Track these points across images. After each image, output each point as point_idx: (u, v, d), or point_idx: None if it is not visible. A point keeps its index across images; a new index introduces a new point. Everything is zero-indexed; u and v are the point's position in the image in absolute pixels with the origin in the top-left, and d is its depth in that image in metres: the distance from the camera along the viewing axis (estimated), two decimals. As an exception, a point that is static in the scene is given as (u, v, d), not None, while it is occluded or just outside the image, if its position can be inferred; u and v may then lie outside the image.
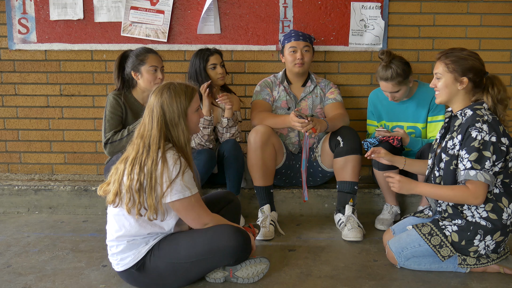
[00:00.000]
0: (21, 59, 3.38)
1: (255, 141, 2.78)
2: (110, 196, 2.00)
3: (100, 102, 3.41)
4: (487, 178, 2.06)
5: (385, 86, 2.80)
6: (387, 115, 3.00)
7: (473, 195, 2.09)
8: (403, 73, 2.73)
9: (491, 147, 2.06)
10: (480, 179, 2.06)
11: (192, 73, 2.98)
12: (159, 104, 1.99)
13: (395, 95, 2.83)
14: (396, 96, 2.83)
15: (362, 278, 2.20)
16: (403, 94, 2.83)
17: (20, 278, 2.20)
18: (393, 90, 2.79)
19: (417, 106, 2.91)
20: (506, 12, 3.26)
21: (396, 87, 2.77)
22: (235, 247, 2.03)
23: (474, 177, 2.07)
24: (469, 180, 2.09)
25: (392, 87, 2.77)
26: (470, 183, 2.09)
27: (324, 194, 3.09)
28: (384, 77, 2.75)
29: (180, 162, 1.96)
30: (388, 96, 2.86)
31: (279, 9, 3.28)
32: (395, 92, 2.81)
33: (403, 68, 2.74)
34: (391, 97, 2.84)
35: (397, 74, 2.72)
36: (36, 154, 3.50)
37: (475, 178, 2.06)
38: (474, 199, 2.10)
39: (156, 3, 3.28)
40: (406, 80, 2.78)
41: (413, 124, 2.94)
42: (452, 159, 2.17)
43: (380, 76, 2.78)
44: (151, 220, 1.97)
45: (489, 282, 2.15)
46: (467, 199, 2.11)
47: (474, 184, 2.08)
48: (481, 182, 2.07)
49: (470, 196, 2.09)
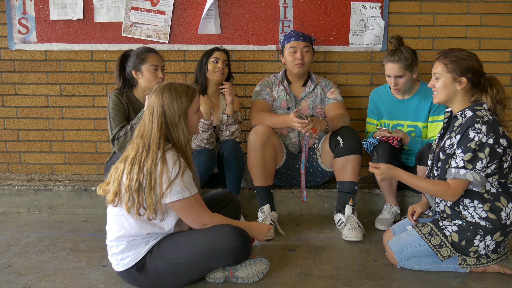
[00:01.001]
0: (21, 59, 3.38)
1: (255, 141, 2.78)
2: (110, 195, 2.00)
3: (100, 102, 3.41)
4: (476, 178, 2.07)
5: (391, 68, 2.78)
6: (388, 114, 3.00)
7: (452, 192, 2.12)
8: (410, 58, 2.76)
9: (487, 149, 2.07)
10: (469, 179, 2.08)
11: (197, 70, 3.04)
12: (160, 104, 1.99)
13: (398, 81, 2.81)
14: (399, 83, 2.81)
15: (362, 278, 2.20)
16: (406, 82, 2.82)
17: (20, 278, 2.20)
18: (398, 73, 2.77)
19: (418, 105, 2.91)
20: (506, 12, 3.26)
21: (401, 71, 2.77)
22: (235, 247, 2.03)
23: (463, 175, 2.08)
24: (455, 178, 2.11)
25: (397, 70, 2.77)
26: (454, 180, 2.11)
27: (324, 194, 3.09)
28: (391, 59, 2.76)
29: (180, 163, 1.96)
30: (391, 84, 2.85)
31: (279, 9, 3.28)
32: (399, 78, 2.79)
33: (411, 54, 2.78)
34: (394, 83, 2.82)
35: (405, 58, 2.75)
36: (36, 154, 3.50)
37: (464, 177, 2.08)
38: (451, 196, 2.14)
39: (156, 4, 3.28)
40: (411, 67, 2.78)
41: (414, 123, 2.94)
42: (448, 158, 2.18)
43: (388, 58, 2.79)
44: (150, 220, 1.97)
45: (489, 282, 2.15)
46: (445, 195, 2.15)
47: (457, 182, 2.10)
48: (464, 181, 2.09)
49: (449, 192, 2.13)
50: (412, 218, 2.39)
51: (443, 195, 2.16)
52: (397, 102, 2.96)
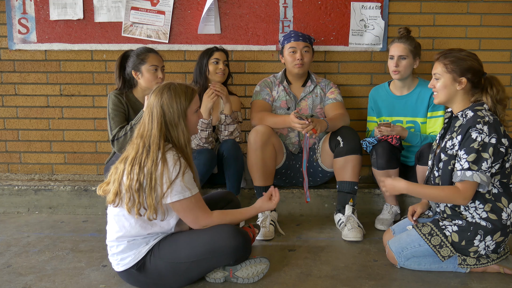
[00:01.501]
0: (21, 59, 3.38)
1: (255, 141, 2.78)
2: (110, 195, 2.00)
3: (100, 102, 3.41)
4: (483, 179, 2.06)
5: (396, 47, 2.85)
6: (387, 110, 3.01)
7: (462, 196, 2.09)
8: (416, 44, 2.87)
9: (490, 148, 2.06)
10: (476, 180, 2.06)
11: (196, 71, 3.02)
12: (159, 104, 1.99)
13: (400, 62, 2.84)
14: (401, 64, 2.84)
15: (362, 278, 2.20)
16: (407, 67, 2.86)
17: (20, 278, 2.20)
18: (403, 53, 2.83)
19: (416, 101, 2.93)
20: (506, 12, 3.26)
21: (406, 51, 2.83)
22: (235, 247, 2.03)
23: (470, 177, 2.07)
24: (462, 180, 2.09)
25: (402, 50, 2.83)
26: (462, 183, 2.09)
27: (324, 194, 3.09)
28: (398, 40, 2.87)
29: (180, 163, 1.96)
30: (392, 65, 2.86)
31: (279, 9, 3.28)
32: (402, 59, 2.83)
33: (417, 43, 2.89)
34: (395, 63, 2.84)
35: (411, 41, 2.86)
36: (36, 154, 3.50)
37: (471, 179, 2.06)
38: (463, 200, 2.11)
39: (156, 4, 3.28)
40: (415, 53, 2.87)
41: (412, 118, 2.94)
42: (451, 159, 2.17)
43: (395, 40, 2.89)
44: (150, 220, 1.97)
45: (489, 282, 2.15)
46: (456, 199, 2.12)
47: (466, 185, 2.08)
48: (472, 183, 2.07)
49: (459, 196, 2.10)
50: (412, 219, 2.39)
51: (454, 199, 2.12)
52: (395, 99, 2.97)
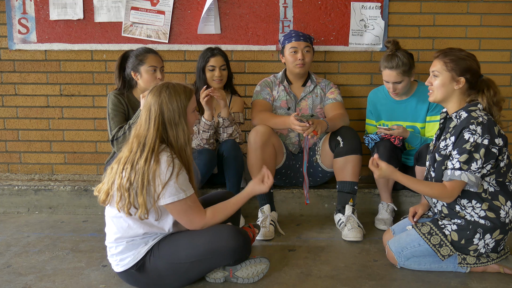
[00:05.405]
0: (21, 59, 3.38)
1: (255, 141, 2.78)
2: (102, 195, 1.99)
3: (100, 102, 3.41)
4: (471, 179, 2.07)
5: (389, 75, 2.77)
6: (386, 115, 3.00)
7: (449, 194, 2.13)
8: (408, 63, 2.74)
9: (482, 149, 2.07)
10: (464, 179, 2.08)
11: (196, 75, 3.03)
12: (157, 103, 1.98)
13: (397, 87, 2.80)
14: (398, 88, 2.80)
15: (362, 278, 2.20)
16: (405, 87, 2.81)
17: (20, 278, 2.20)
18: (397, 80, 2.76)
19: (416, 105, 2.91)
20: (506, 12, 3.26)
21: (399, 77, 2.75)
22: (235, 247, 2.03)
23: (458, 177, 2.09)
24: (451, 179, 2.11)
25: (396, 77, 2.75)
26: (450, 182, 2.11)
27: (324, 194, 3.09)
28: (389, 66, 2.74)
29: (174, 165, 1.93)
30: (389, 89, 2.83)
31: (279, 9, 3.28)
32: (398, 84, 2.78)
33: (408, 59, 2.76)
34: (392, 88, 2.81)
35: (402, 63, 2.72)
36: (36, 154, 3.50)
37: (459, 178, 2.08)
38: (448, 198, 2.14)
39: (156, 4, 3.28)
40: (409, 71, 2.77)
41: (412, 123, 2.94)
42: (444, 160, 2.18)
43: (385, 65, 2.76)
44: (142, 219, 1.95)
45: (489, 282, 2.15)
46: (442, 197, 2.16)
47: (453, 183, 2.10)
48: (460, 182, 2.09)
49: (446, 194, 2.13)
50: (413, 220, 2.39)
51: (440, 197, 2.16)
52: (395, 103, 2.96)
